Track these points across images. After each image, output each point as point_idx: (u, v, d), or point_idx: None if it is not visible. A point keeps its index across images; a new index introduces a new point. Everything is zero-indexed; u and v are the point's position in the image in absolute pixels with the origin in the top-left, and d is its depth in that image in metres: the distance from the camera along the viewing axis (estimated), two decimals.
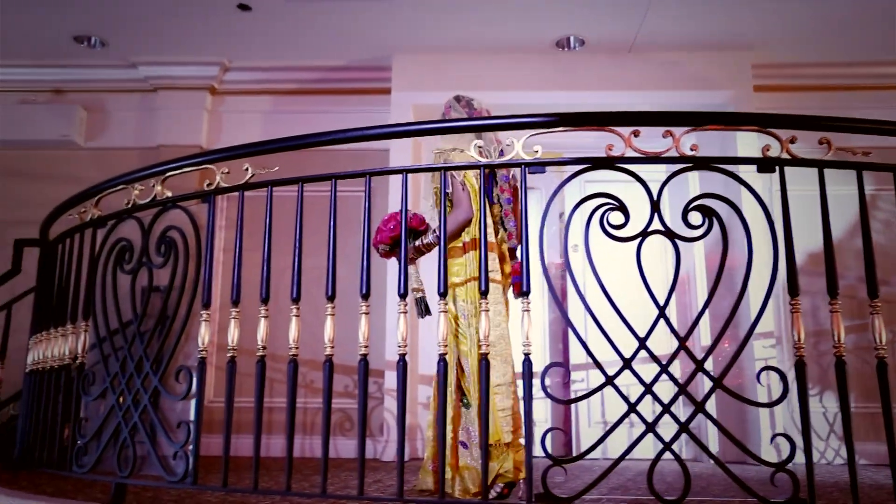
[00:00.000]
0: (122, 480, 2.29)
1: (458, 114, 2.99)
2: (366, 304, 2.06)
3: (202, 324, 2.22)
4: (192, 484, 2.14)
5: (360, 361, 2.00)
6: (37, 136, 5.17)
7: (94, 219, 2.68)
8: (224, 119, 5.32)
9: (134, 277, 2.47)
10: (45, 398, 2.85)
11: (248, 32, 4.82)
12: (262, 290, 2.16)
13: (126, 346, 2.42)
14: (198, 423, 2.17)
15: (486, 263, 2.07)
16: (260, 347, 2.13)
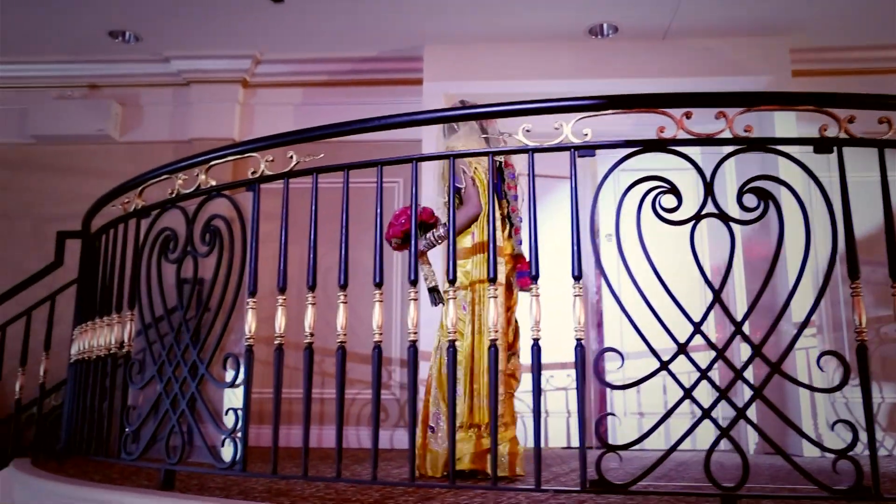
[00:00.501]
0: (171, 467, 2.30)
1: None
2: (414, 290, 2.06)
3: (249, 311, 2.23)
4: (241, 470, 2.15)
5: (409, 348, 2.00)
6: (73, 131, 5.23)
7: (137, 209, 2.69)
8: (256, 112, 5.35)
9: (179, 266, 2.48)
10: (90, 387, 2.88)
11: (280, 24, 4.83)
12: (308, 277, 2.16)
13: (172, 335, 2.43)
14: (246, 410, 2.17)
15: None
16: (308, 335, 2.13)
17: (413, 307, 2.03)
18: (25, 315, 3.58)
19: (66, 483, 2.49)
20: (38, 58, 5.29)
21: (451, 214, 2.10)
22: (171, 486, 2.29)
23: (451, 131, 3.18)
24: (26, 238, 5.25)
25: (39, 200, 5.30)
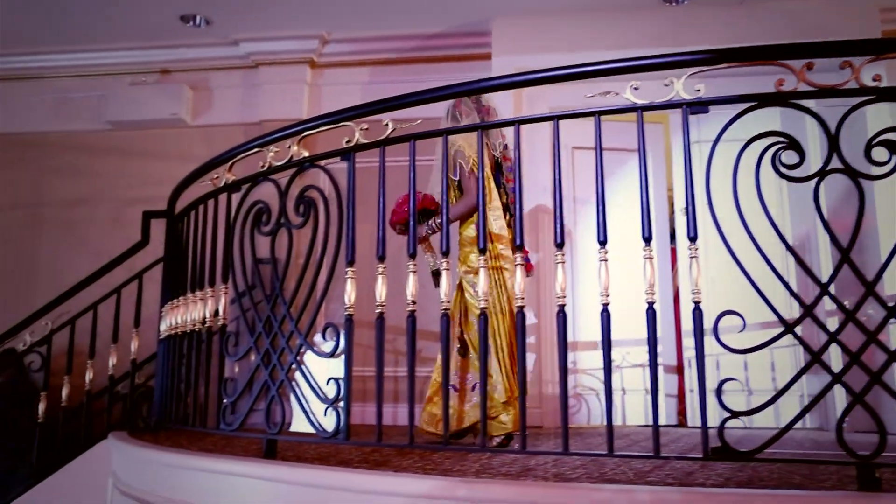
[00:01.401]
0: (274, 437, 2.32)
1: (467, 106, 3.32)
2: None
3: (348, 281, 2.22)
4: (345, 439, 2.15)
5: (517, 313, 1.96)
6: (147, 116, 5.34)
7: (228, 183, 2.71)
8: (323, 92, 5.36)
9: (273, 239, 2.49)
10: (184, 360, 2.94)
11: (347, 3, 4.81)
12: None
13: (269, 307, 2.44)
14: (348, 379, 2.17)
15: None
16: (410, 302, 2.11)
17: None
18: (115, 293, 3.66)
19: (172, 453, 2.54)
20: (112, 45, 5.40)
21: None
22: (273, 455, 2.31)
23: (454, 122, 3.28)
24: (106, 222, 5.39)
25: (117, 185, 5.43)
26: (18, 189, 5.53)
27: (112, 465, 3.30)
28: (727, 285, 3.16)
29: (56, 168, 5.52)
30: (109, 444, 3.36)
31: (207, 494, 2.32)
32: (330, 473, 1.95)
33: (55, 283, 5.21)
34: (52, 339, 3.58)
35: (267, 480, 2.13)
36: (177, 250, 3.35)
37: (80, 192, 5.46)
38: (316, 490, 1.99)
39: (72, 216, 5.44)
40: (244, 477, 2.19)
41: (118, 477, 3.05)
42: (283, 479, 2.08)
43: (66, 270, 5.32)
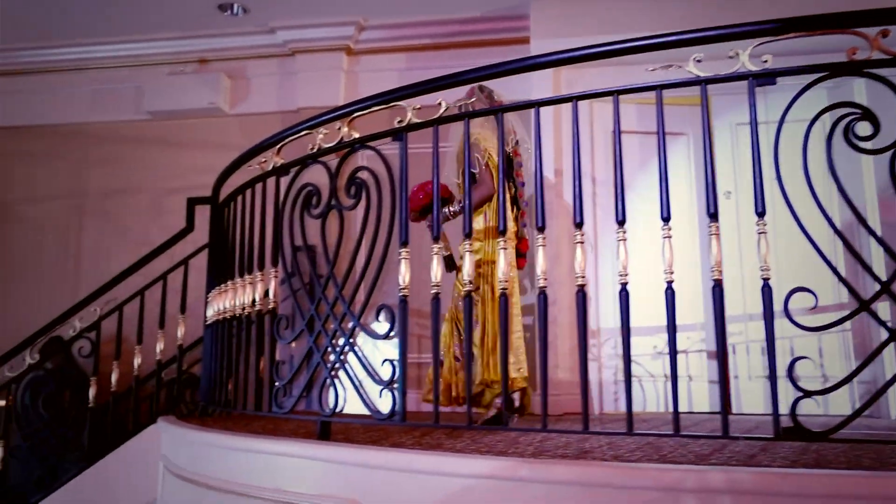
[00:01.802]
0: (328, 419, 2.32)
1: (479, 99, 3.38)
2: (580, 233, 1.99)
3: (402, 262, 2.20)
4: (401, 421, 2.14)
5: (577, 293, 1.93)
6: (186, 106, 5.37)
7: (277, 167, 2.70)
8: (360, 79, 5.34)
9: (323, 221, 2.48)
10: (232, 345, 2.95)
11: None
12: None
13: (320, 289, 2.44)
14: (403, 360, 2.15)
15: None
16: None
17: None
18: (162, 279, 3.70)
19: (227, 435, 2.55)
20: (150, 35, 5.43)
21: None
22: (327, 437, 2.31)
23: None
24: (146, 211, 5.45)
25: (156, 174, 5.48)
26: (61, 180, 5.61)
27: (162, 449, 3.34)
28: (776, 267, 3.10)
29: (97, 158, 5.59)
30: (159, 428, 3.39)
31: (262, 476, 2.32)
32: (393, 454, 1.94)
33: (98, 272, 5.30)
34: (101, 325, 3.62)
35: (324, 462, 2.13)
36: (221, 236, 3.37)
37: (121, 181, 5.53)
38: (377, 471, 1.98)
39: (113, 206, 5.51)
40: (300, 458, 2.19)
41: (169, 460, 3.08)
42: (343, 461, 2.07)
43: (108, 259, 5.39)
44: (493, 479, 1.78)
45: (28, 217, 5.62)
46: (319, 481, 2.13)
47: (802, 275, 1.76)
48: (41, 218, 5.60)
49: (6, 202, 5.67)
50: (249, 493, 2.32)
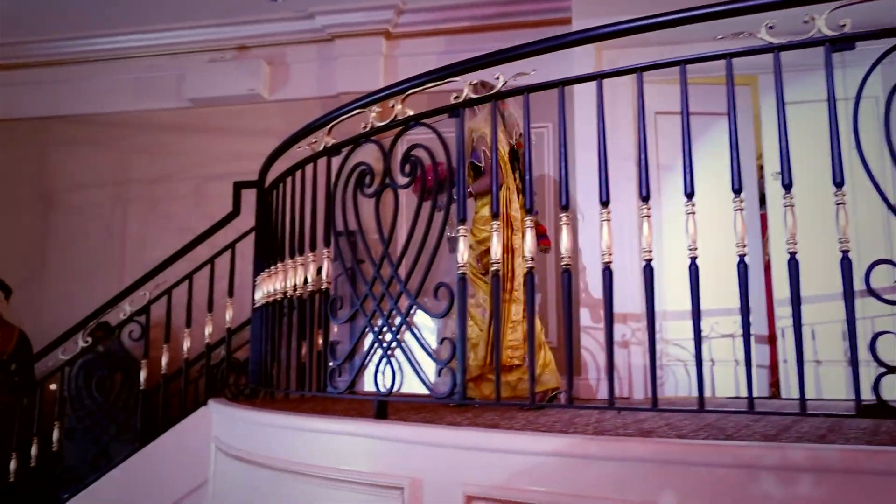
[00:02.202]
0: (384, 398, 2.31)
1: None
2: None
3: (460, 240, 2.18)
4: (461, 399, 2.12)
5: (644, 267, 1.88)
6: (226, 93, 5.39)
7: (328, 147, 2.69)
8: (399, 63, 5.31)
9: (377, 200, 2.46)
10: (282, 327, 2.95)
11: None
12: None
13: (375, 269, 2.42)
14: (462, 339, 2.13)
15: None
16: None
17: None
18: (209, 263, 3.72)
19: (284, 415, 2.56)
20: (190, 23, 5.46)
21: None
22: (384, 416, 2.30)
23: (471, 113, 3.26)
24: (188, 198, 5.50)
25: (198, 161, 5.52)
26: (104, 168, 5.68)
27: (213, 431, 3.37)
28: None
29: (139, 146, 5.65)
30: (210, 410, 3.43)
31: (319, 455, 2.32)
32: (458, 432, 1.92)
33: (141, 258, 5.37)
34: (150, 309, 3.66)
35: (385, 440, 2.12)
36: (268, 220, 3.38)
37: (163, 169, 5.58)
38: (440, 450, 1.97)
39: (155, 193, 5.57)
40: (361, 437, 2.19)
41: (221, 441, 3.10)
42: (406, 439, 2.06)
43: (151, 246, 5.46)
44: (562, 457, 1.75)
45: (73, 205, 5.71)
46: (379, 460, 2.12)
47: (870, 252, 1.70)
48: (86, 206, 5.68)
49: (52, 191, 5.76)
50: (307, 472, 2.33)
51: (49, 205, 5.75)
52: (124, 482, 3.49)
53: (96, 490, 3.51)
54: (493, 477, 1.85)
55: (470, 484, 1.88)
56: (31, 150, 5.82)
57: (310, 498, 2.33)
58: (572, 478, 1.73)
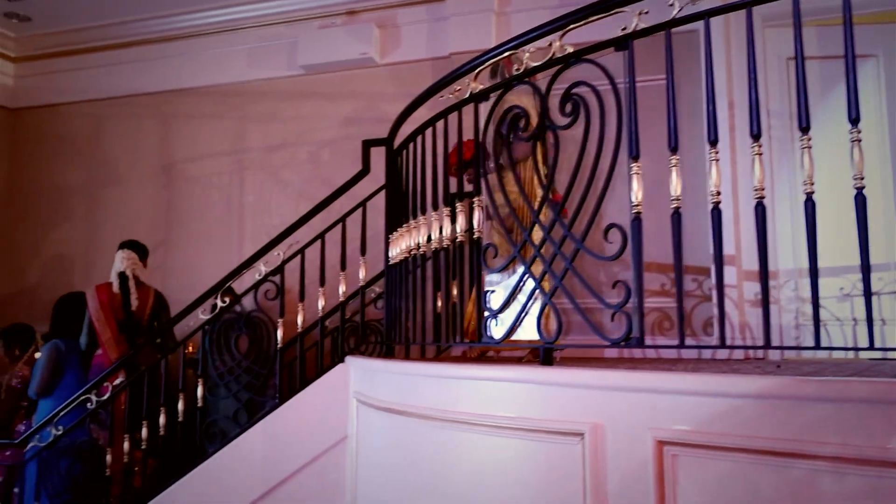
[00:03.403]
0: (550, 346, 2.25)
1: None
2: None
3: (633, 178, 2.07)
4: (637, 344, 2.03)
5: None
6: (338, 58, 5.41)
7: (475, 93, 2.62)
8: (512, 20, 5.18)
9: (534, 144, 2.38)
10: (422, 280, 2.94)
11: None
12: (710, 132, 1.96)
13: (534, 214, 2.35)
14: (638, 281, 2.04)
15: None
16: (714, 193, 1.93)
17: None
18: (341, 222, 3.74)
19: (436, 364, 2.55)
20: None
21: None
22: (549, 363, 2.24)
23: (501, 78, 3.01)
24: (304, 164, 5.58)
25: (313, 127, 5.58)
26: (222, 138, 5.83)
27: (352, 386, 3.41)
28: None
29: (255, 115, 5.76)
30: (348, 365, 3.47)
31: (480, 403, 2.29)
32: (644, 375, 1.84)
33: (261, 225, 5.51)
34: (284, 268, 3.71)
35: (557, 386, 2.06)
36: (399, 176, 3.37)
37: (279, 136, 5.67)
38: (621, 394, 1.90)
39: (272, 160, 5.68)
40: (529, 383, 2.14)
41: (364, 394, 3.13)
42: (582, 384, 2.00)
43: (270, 212, 5.59)
44: (768, 399, 1.65)
45: (194, 175, 5.90)
46: (552, 406, 2.06)
47: None
48: (206, 175, 5.86)
49: (173, 162, 5.96)
50: (467, 421, 2.30)
51: (171, 175, 5.96)
52: (266, 436, 3.59)
53: (240, 443, 3.62)
54: (686, 421, 1.77)
55: (660, 428, 1.80)
56: (153, 124, 6.04)
57: (471, 447, 2.31)
58: (780, 422, 1.62)
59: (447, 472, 2.39)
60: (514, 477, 2.14)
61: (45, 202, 6.26)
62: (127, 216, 5.91)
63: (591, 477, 1.92)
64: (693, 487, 1.75)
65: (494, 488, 2.19)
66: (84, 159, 6.21)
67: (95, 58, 6.20)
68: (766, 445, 1.63)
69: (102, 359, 4.40)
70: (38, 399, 4.44)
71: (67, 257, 6.11)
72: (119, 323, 4.43)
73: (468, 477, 2.29)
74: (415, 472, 2.60)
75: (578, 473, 1.94)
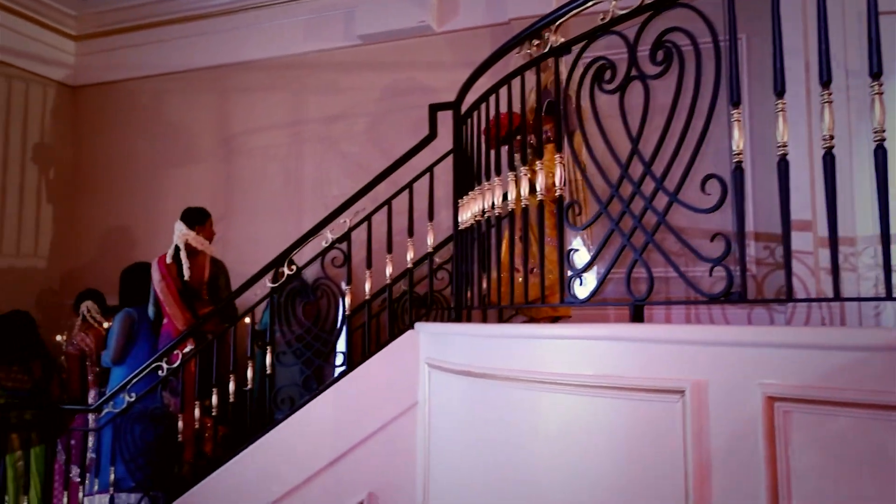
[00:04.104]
0: (640, 303, 2.18)
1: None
2: None
3: (734, 125, 1.98)
4: (739, 300, 1.95)
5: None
6: (396, 27, 5.35)
7: (555, 46, 2.54)
8: None
9: (622, 95, 2.29)
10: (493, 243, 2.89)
11: None
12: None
13: (622, 168, 2.27)
14: (740, 233, 1.95)
15: None
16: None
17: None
18: (408, 188, 3.70)
19: (519, 325, 2.49)
20: None
21: None
22: (640, 320, 2.17)
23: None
24: (362, 135, 5.55)
25: (370, 98, 5.55)
26: (281, 110, 5.84)
27: (422, 353, 3.39)
28: None
29: (313, 87, 5.75)
30: (417, 332, 3.44)
31: (565, 363, 2.24)
32: (753, 330, 1.76)
33: (320, 197, 5.51)
34: (351, 235, 3.69)
35: (652, 342, 1.99)
36: (462, 144, 3.31)
37: (336, 108, 5.65)
38: (727, 349, 1.82)
39: (330, 132, 5.66)
40: (621, 341, 2.07)
41: (436, 359, 3.10)
42: (681, 340, 1.92)
43: (329, 184, 5.59)
44: None
45: (252, 148, 5.92)
46: (648, 364, 1.99)
47: None
48: (264, 148, 5.88)
49: (231, 136, 6.00)
50: (556, 381, 2.25)
51: (230, 149, 6.00)
52: (335, 403, 3.59)
53: (309, 410, 3.63)
54: (800, 376, 1.68)
55: (770, 384, 1.72)
56: (211, 98, 6.08)
57: (558, 408, 2.25)
58: None
59: (531, 433, 2.35)
60: (605, 437, 2.08)
61: (109, 177, 6.37)
62: (188, 190, 5.97)
63: (693, 436, 1.85)
64: (807, 445, 1.66)
65: (583, 448, 2.14)
66: (145, 134, 6.29)
67: (153, 33, 6.26)
68: (893, 400, 1.54)
69: (169, 327, 4.48)
70: (113, 367, 4.54)
71: (131, 230, 6.22)
72: (180, 292, 4.49)
73: (555, 438, 2.24)
74: (494, 435, 2.56)
75: (678, 432, 1.88)
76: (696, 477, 1.84)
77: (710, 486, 1.83)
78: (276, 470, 3.66)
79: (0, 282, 5.86)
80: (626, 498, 2.02)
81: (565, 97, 2.54)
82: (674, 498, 1.88)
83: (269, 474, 3.69)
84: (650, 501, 1.96)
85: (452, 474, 2.95)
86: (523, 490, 2.35)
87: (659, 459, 1.93)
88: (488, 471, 2.60)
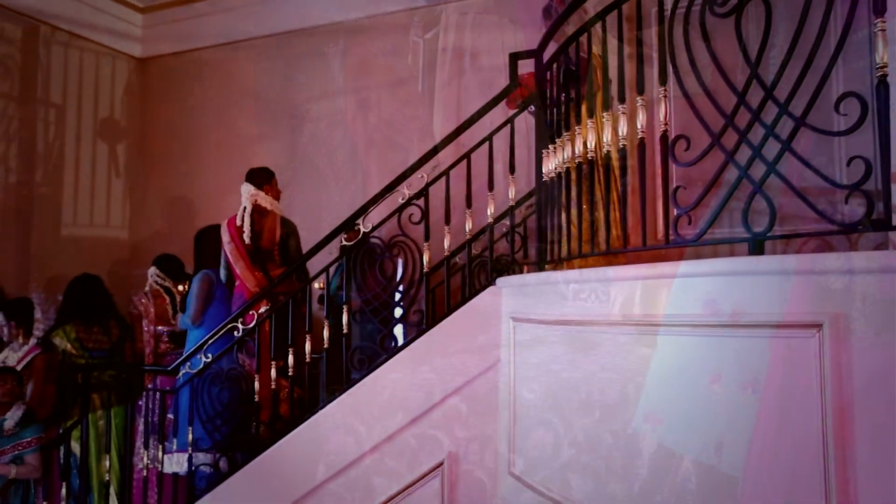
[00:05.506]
0: (760, 237, 2.03)
1: None
2: None
3: (878, 35, 1.80)
4: (881, 227, 1.78)
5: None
6: None
7: None
8: None
9: (738, 18, 2.13)
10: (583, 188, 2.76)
11: None
12: None
13: (738, 95, 2.11)
14: (885, 154, 1.78)
15: None
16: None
17: None
18: (487, 140, 3.58)
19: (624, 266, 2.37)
20: None
21: None
22: (761, 252, 2.02)
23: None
24: (425, 101, 5.46)
25: (434, 62, 5.45)
26: (345, 76, 5.80)
27: (504, 308, 3.28)
28: None
29: (376, 52, 5.68)
30: (499, 287, 3.34)
31: (680, 303, 2.10)
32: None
33: (386, 163, 5.44)
34: (429, 191, 3.60)
35: (777, 274, 1.85)
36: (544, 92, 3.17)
37: (400, 73, 5.58)
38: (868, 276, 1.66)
39: (395, 97, 5.59)
40: (748, 275, 1.93)
41: (523, 312, 3.00)
42: (816, 270, 1.77)
43: (394, 149, 5.52)
44: None
45: (317, 115, 5.90)
46: (774, 299, 1.85)
47: None
48: (329, 114, 5.85)
49: (297, 102, 5.98)
50: (669, 323, 2.12)
51: (295, 116, 5.97)
52: (414, 362, 3.51)
53: (387, 369, 3.56)
54: None
55: None
56: (277, 65, 6.06)
57: (672, 350, 2.13)
58: None
59: (637, 382, 2.23)
60: (725, 379, 1.95)
61: (177, 148, 6.43)
62: (254, 158, 5.96)
63: (832, 373, 1.70)
64: None
65: (701, 393, 2.00)
66: (211, 104, 6.32)
67: (218, 3, 6.25)
68: None
69: (241, 289, 4.47)
70: (191, 328, 4.57)
71: (200, 201, 6.27)
72: (250, 253, 4.47)
73: (668, 381, 2.12)
74: (595, 386, 2.44)
75: (814, 369, 1.73)
76: (835, 418, 1.69)
77: (851, 431, 1.68)
78: (352, 430, 3.61)
79: (74, 251, 5.97)
80: (750, 449, 1.88)
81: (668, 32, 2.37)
82: (809, 442, 1.73)
83: (346, 435, 3.64)
84: (779, 447, 1.82)
85: (543, 431, 2.84)
86: (632, 441, 2.24)
87: (794, 399, 1.78)
88: (587, 427, 2.49)
